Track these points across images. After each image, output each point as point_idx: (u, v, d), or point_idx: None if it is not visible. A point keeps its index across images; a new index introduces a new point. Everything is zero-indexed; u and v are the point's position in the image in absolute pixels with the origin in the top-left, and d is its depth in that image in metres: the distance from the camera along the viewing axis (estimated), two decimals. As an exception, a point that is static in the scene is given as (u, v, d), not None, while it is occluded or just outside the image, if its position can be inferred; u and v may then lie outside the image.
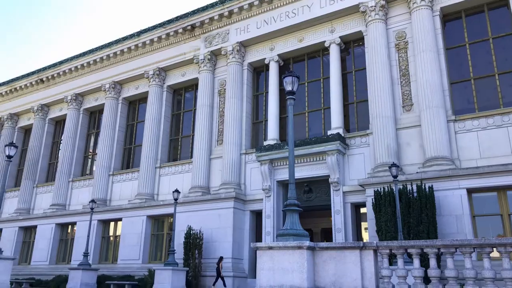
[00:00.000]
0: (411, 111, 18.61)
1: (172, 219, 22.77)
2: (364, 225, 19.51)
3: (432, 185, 15.96)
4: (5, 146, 18.14)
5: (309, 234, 10.75)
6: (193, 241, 20.15)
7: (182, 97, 27.13)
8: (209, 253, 20.46)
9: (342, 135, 19.37)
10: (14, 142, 23.68)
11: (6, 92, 34.71)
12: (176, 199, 20.36)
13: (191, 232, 20.44)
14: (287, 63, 23.40)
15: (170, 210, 22.41)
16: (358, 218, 19.37)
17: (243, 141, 22.59)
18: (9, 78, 34.98)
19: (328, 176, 19.15)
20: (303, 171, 19.50)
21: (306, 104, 22.25)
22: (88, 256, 21.86)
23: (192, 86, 26.47)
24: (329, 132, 19.75)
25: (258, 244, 10.39)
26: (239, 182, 21.82)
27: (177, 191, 20.49)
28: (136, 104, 28.90)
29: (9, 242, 28.74)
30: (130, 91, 28.36)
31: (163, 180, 24.74)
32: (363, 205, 18.61)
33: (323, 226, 25.87)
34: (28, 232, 29.72)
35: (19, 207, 30.15)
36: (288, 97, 11.41)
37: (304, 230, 10.58)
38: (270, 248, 10.20)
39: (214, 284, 19.02)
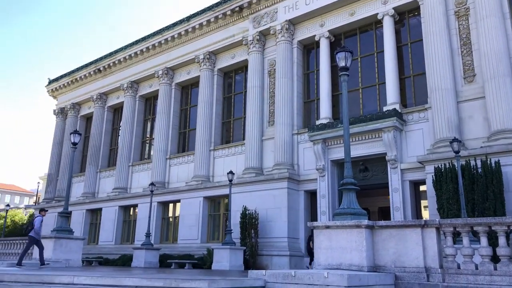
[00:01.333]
0: (473, 82, 17.50)
1: (227, 199, 23.25)
2: (423, 203, 18.82)
3: (498, 160, 15.01)
4: (70, 133, 19.21)
5: (367, 213, 10.54)
6: (249, 221, 20.47)
7: (233, 79, 27.29)
8: (265, 232, 20.73)
9: (399, 110, 18.64)
10: (77, 130, 25.04)
11: (67, 83, 36.69)
12: (230, 181, 20.72)
13: (247, 213, 20.76)
14: (338, 39, 22.75)
15: (225, 191, 22.86)
16: (417, 196, 18.72)
17: (295, 121, 22.41)
18: (70, 69, 36.70)
19: (385, 153, 18.60)
20: (359, 149, 19.07)
21: (359, 80, 21.58)
22: (150, 237, 22.91)
23: (242, 68, 26.53)
24: (384, 108, 19.08)
25: (315, 223, 10.34)
26: (292, 163, 21.77)
27: (231, 172, 20.85)
28: (188, 89, 29.48)
29: (78, 224, 30.73)
30: (182, 76, 28.94)
31: (217, 162, 25.22)
32: (423, 182, 17.93)
33: (380, 205, 25.31)
34: (94, 214, 31.60)
35: (85, 191, 32.08)
36: (341, 73, 11.08)
37: (362, 209, 10.38)
38: (327, 227, 10.12)
39: (310, 264, 18.73)
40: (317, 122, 21.15)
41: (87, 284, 9.23)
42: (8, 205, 42.61)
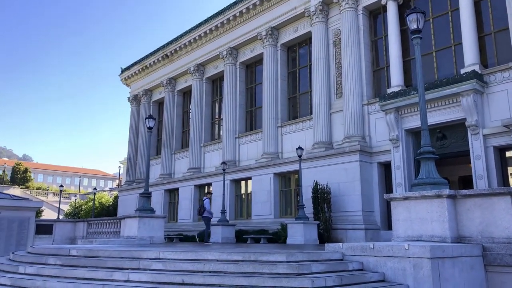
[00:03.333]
0: None
1: (297, 175, 23.30)
2: (510, 170, 17.45)
3: None
4: (145, 119, 20.24)
5: (447, 182, 9.99)
6: (321, 196, 20.36)
7: (297, 53, 26.85)
8: (338, 206, 20.53)
9: (479, 72, 17.23)
10: (151, 115, 26.26)
11: (138, 70, 38.46)
12: (300, 156, 20.66)
13: (318, 187, 20.64)
14: (406, 1, 21.38)
15: (294, 167, 22.89)
16: (502, 162, 17.35)
17: (364, 91, 21.64)
18: (140, 57, 38.39)
19: (464, 119, 17.39)
20: (435, 116, 18.00)
21: (432, 43, 20.21)
22: (225, 213, 23.69)
23: (305, 41, 25.98)
24: (462, 71, 17.73)
25: (392, 195, 10.02)
26: (363, 135, 21.15)
27: (300, 148, 20.76)
28: (252, 67, 29.56)
29: (158, 203, 32.56)
30: (246, 55, 29.04)
31: (285, 139, 25.22)
32: (509, 148, 16.58)
33: (461, 174, 23.93)
34: (172, 194, 33.28)
35: (162, 173, 33.83)
36: (413, 36, 10.44)
37: (442, 178, 9.85)
38: (405, 198, 9.76)
39: None
40: (388, 91, 20.24)
41: (171, 259, 9.78)
42: (95, 189, 46.31)
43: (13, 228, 25.61)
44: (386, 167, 20.59)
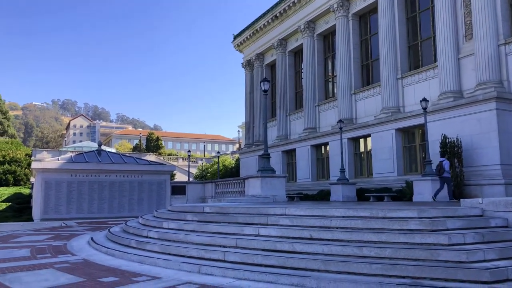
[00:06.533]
0: None
1: (421, 130, 21.75)
2: None
3: None
4: (260, 82, 20.54)
5: None
6: (450, 150, 18.76)
7: (416, -4, 24.43)
8: (470, 161, 18.74)
9: None
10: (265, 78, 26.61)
11: (250, 35, 39.04)
12: (424, 109, 19.13)
13: (447, 141, 19.03)
14: None
15: (418, 120, 21.37)
16: None
17: (500, 29, 18.90)
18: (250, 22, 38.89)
19: None
20: None
21: None
22: (345, 172, 23.35)
23: (425, -19, 23.43)
24: None
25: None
26: (499, 79, 18.68)
27: (424, 99, 19.17)
28: (366, 17, 27.82)
29: (276, 164, 33.47)
30: (358, 5, 27.38)
31: (406, 91, 23.55)
32: None
33: None
34: (289, 155, 33.85)
35: (278, 134, 34.50)
36: None
37: None
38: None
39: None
40: (531, 26, 17.38)
41: (297, 215, 9.97)
42: (218, 152, 49.47)
43: (153, 189, 28.78)
44: (530, 115, 18.02)
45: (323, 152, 30.16)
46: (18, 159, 53.09)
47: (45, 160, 29.30)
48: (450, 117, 19.85)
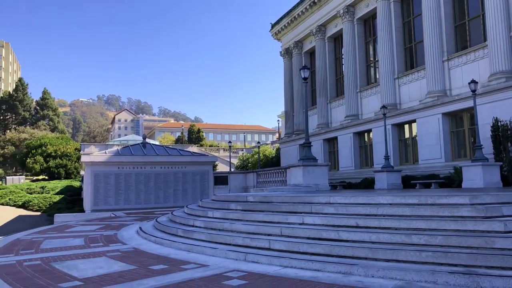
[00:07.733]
0: None
1: (470, 113, 20.78)
2: None
3: None
4: (300, 70, 20.32)
5: None
6: (503, 133, 17.83)
7: (462, -27, 23.23)
8: (525, 145, 17.73)
9: None
10: (305, 65, 26.26)
11: (288, 23, 38.61)
12: (474, 91, 18.25)
13: (499, 124, 18.10)
14: None
15: (466, 104, 20.45)
16: None
17: (557, 3, 17.64)
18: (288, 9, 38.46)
19: None
20: None
21: None
22: (389, 159, 22.76)
23: (472, -44, 22.19)
24: None
25: None
26: (557, 56, 17.49)
27: (473, 81, 18.28)
28: (408, -1, 26.79)
29: (318, 153, 33.13)
30: (399, -14, 26.40)
31: (453, 73, 22.54)
32: None
33: None
34: (331, 143, 33.41)
35: (319, 123, 34.07)
36: None
37: None
38: None
39: None
40: None
41: (342, 203, 9.83)
42: (258, 142, 49.65)
43: (196, 180, 29.37)
44: None
45: (366, 139, 29.53)
46: (68, 154, 55.73)
47: (94, 154, 30.57)
48: (502, 99, 18.84)
